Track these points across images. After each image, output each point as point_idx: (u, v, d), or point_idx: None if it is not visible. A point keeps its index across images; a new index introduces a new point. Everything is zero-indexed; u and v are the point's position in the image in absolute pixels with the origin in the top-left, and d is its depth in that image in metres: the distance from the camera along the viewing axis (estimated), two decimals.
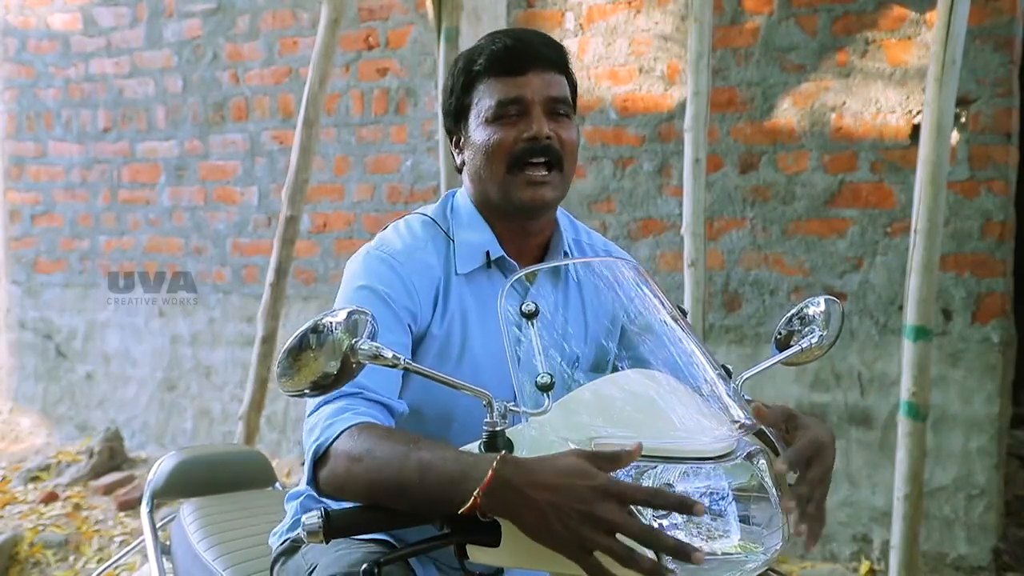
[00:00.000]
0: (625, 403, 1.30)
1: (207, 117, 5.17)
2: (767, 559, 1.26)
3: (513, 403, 1.26)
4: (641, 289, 1.48)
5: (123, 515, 4.50)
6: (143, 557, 2.30)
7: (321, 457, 1.38)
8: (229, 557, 1.91)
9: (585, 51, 4.22)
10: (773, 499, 1.26)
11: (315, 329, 1.18)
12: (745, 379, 1.43)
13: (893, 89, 3.70)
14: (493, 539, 1.22)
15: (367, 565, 1.26)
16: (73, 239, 5.64)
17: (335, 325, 1.17)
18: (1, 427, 5.82)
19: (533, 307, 1.29)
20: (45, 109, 5.69)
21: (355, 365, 1.20)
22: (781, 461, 1.28)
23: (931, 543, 3.62)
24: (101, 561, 4.06)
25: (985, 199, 3.58)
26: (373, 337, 1.21)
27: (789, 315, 1.60)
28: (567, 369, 1.47)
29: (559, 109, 1.58)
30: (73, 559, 4.17)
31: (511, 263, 1.63)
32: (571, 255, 1.70)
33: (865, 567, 3.71)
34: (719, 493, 1.23)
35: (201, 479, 2.26)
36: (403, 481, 1.26)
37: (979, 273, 3.60)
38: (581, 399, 1.30)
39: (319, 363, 1.18)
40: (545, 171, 1.56)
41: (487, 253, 1.62)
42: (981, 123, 3.56)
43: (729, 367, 1.43)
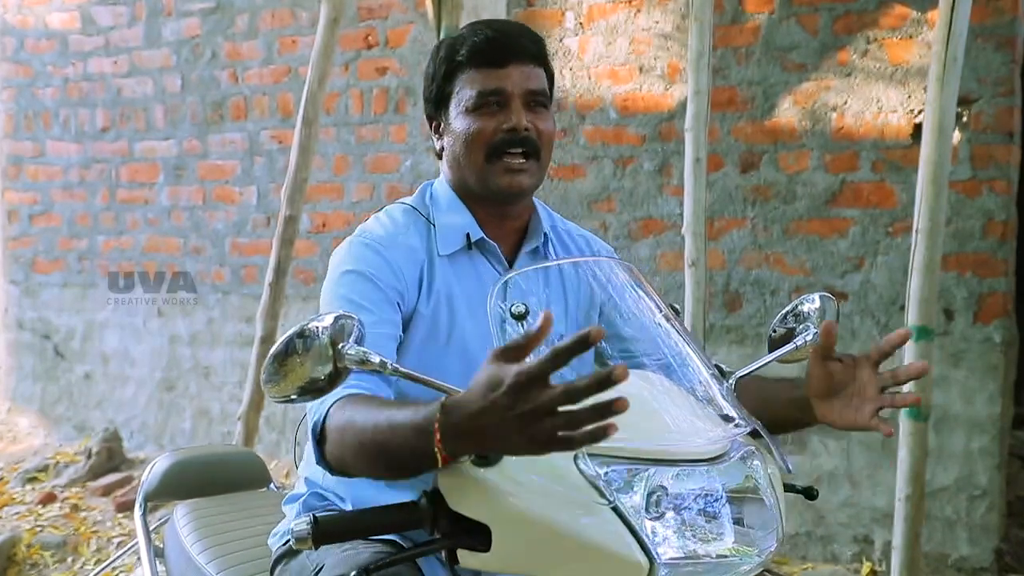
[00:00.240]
0: None
1: (206, 116, 5.16)
2: (761, 561, 1.26)
3: None
4: (635, 290, 1.47)
5: (121, 516, 4.49)
6: (140, 559, 2.30)
7: (321, 436, 1.39)
8: (223, 560, 1.90)
9: (585, 50, 4.21)
10: (768, 501, 1.25)
11: (301, 334, 1.17)
12: (738, 378, 1.42)
13: (894, 88, 3.68)
14: (483, 543, 1.21)
15: (355, 572, 1.25)
16: (71, 239, 5.63)
17: (321, 330, 1.16)
18: None
19: (523, 308, 1.28)
20: (43, 108, 5.68)
21: (342, 370, 1.18)
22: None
23: (933, 544, 3.60)
24: (99, 562, 4.05)
25: (987, 199, 3.57)
26: (360, 342, 1.20)
27: (783, 312, 1.60)
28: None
29: (537, 100, 1.63)
30: (71, 560, 4.15)
31: (491, 244, 1.67)
32: (550, 239, 1.74)
33: (866, 568, 3.69)
34: (713, 495, 1.22)
35: (195, 480, 2.26)
36: (380, 444, 1.26)
37: (981, 273, 3.59)
38: None
39: (305, 368, 1.17)
40: (523, 159, 1.61)
41: (467, 235, 1.66)
42: (983, 122, 3.55)
43: (723, 367, 1.42)
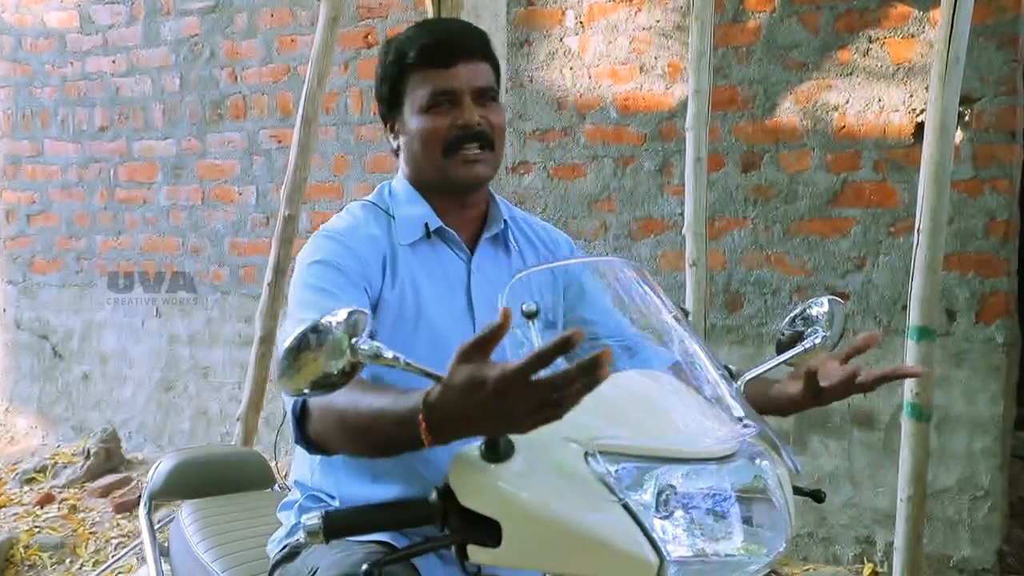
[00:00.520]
0: (626, 403, 1.29)
1: (205, 116, 5.15)
2: (769, 561, 1.26)
3: None
4: (643, 289, 1.48)
5: (120, 517, 4.47)
6: (140, 560, 2.29)
7: (302, 415, 1.43)
8: (228, 559, 1.92)
9: (586, 49, 4.20)
10: (777, 502, 1.25)
11: (315, 329, 1.16)
12: (747, 380, 1.43)
13: (896, 87, 3.67)
14: (493, 539, 1.20)
15: (367, 566, 1.25)
16: (69, 238, 5.62)
17: (335, 324, 1.15)
18: None
19: (534, 307, 1.28)
20: (41, 108, 5.67)
21: (355, 365, 1.17)
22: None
23: (934, 545, 3.59)
24: (98, 564, 4.04)
25: (989, 198, 3.56)
26: (373, 336, 1.19)
27: (792, 316, 1.65)
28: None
29: (487, 95, 1.70)
30: (69, 561, 4.14)
31: (451, 233, 1.74)
32: (509, 226, 1.81)
33: (868, 569, 3.69)
34: (722, 494, 1.22)
35: (200, 480, 2.28)
36: (363, 428, 1.31)
37: (983, 273, 3.58)
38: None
39: (319, 363, 1.16)
40: (479, 150, 1.68)
41: (426, 225, 1.72)
42: (985, 121, 3.54)
43: (732, 368, 1.42)
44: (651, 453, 1.19)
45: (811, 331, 1.61)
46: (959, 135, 3.44)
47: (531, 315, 1.27)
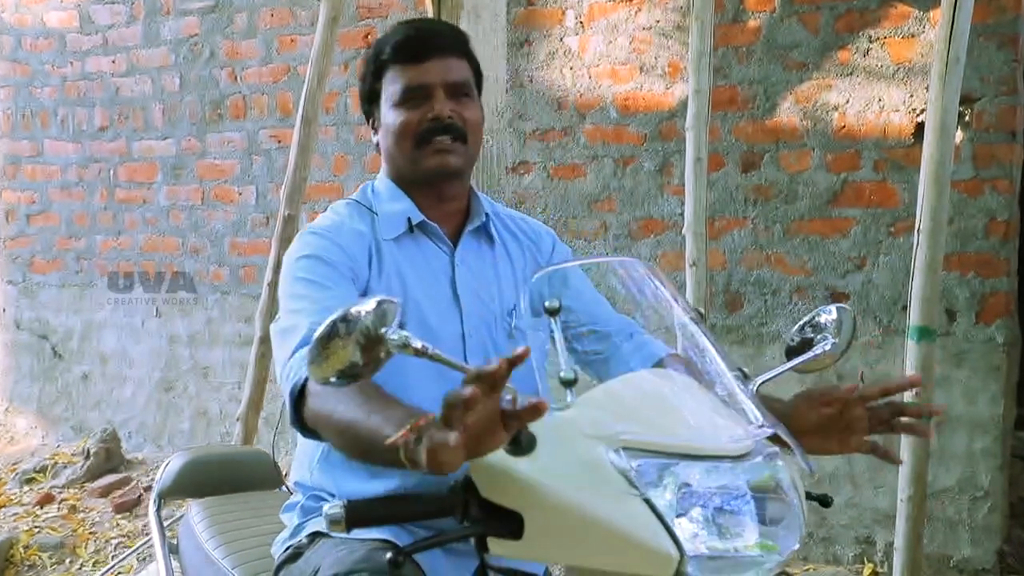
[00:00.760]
0: (643, 402, 1.30)
1: (204, 116, 5.15)
2: (783, 559, 1.26)
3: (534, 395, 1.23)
4: (656, 288, 1.49)
5: (120, 517, 4.47)
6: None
7: (298, 397, 1.45)
8: (238, 556, 1.93)
9: (586, 49, 4.21)
10: (791, 501, 1.25)
11: (344, 318, 1.16)
12: (760, 384, 1.44)
13: (896, 87, 3.68)
14: (514, 531, 1.21)
15: (391, 555, 1.25)
16: (69, 238, 5.62)
17: (364, 314, 1.15)
18: None
19: (556, 304, 1.29)
20: (41, 107, 5.66)
21: (384, 355, 1.18)
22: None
23: (935, 545, 3.60)
24: (97, 564, 4.04)
25: (989, 198, 3.57)
26: (402, 327, 1.19)
27: (801, 323, 1.71)
28: (507, 317, 1.70)
29: (460, 90, 1.73)
30: (69, 562, 4.14)
31: (433, 226, 1.76)
32: (492, 219, 1.83)
33: (868, 569, 3.70)
34: (736, 492, 1.22)
35: (209, 479, 2.28)
36: (355, 439, 1.31)
37: (983, 273, 3.59)
38: (595, 398, 1.30)
39: (347, 351, 1.16)
40: (450, 141, 1.70)
41: (408, 219, 1.74)
42: (985, 121, 3.55)
43: (745, 370, 1.44)
44: (671, 449, 1.20)
45: (820, 338, 1.66)
46: (959, 135, 3.45)
47: (553, 312, 1.28)
